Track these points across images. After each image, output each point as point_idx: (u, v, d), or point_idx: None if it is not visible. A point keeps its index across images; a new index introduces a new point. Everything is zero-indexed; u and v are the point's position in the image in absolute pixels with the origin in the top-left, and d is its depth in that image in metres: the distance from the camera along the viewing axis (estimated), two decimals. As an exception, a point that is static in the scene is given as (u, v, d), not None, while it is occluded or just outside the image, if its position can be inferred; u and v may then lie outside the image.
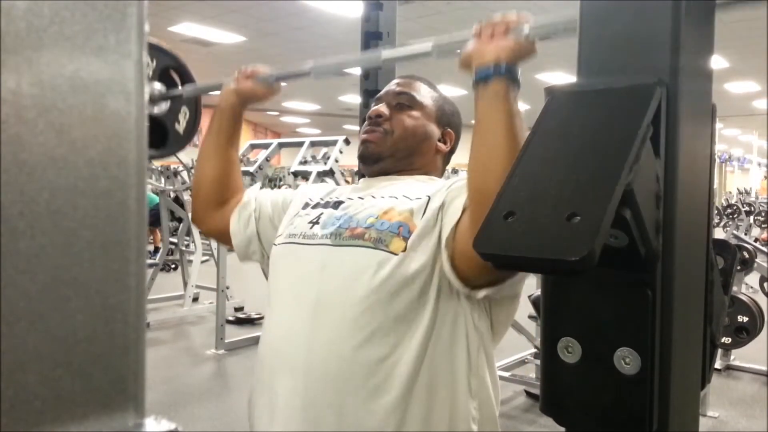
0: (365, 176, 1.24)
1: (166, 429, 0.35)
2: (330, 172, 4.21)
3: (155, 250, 8.44)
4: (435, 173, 1.22)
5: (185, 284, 5.91)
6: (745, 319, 3.23)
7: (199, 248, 5.87)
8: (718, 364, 4.32)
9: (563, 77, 10.30)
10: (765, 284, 5.06)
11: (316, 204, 1.20)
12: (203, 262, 6.13)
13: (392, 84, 1.27)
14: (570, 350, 0.56)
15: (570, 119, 0.55)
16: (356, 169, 1.81)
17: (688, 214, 0.57)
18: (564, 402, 0.58)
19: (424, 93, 1.23)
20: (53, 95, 0.33)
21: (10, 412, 0.31)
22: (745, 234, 9.85)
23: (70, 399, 0.34)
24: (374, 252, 1.00)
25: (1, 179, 0.30)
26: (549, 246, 0.45)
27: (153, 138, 1.45)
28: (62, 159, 0.33)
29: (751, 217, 10.81)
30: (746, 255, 4.04)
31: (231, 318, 5.51)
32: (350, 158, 2.98)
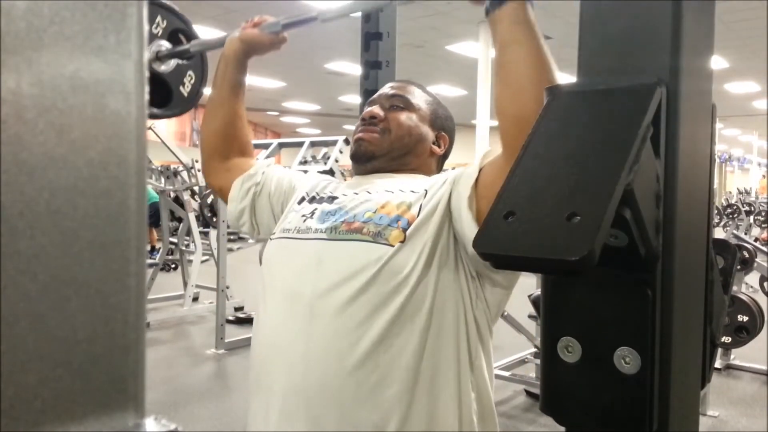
0: (357, 175, 1.23)
1: (166, 429, 0.35)
2: (330, 172, 4.21)
3: (151, 250, 8.43)
4: (428, 175, 1.21)
5: (185, 284, 5.92)
6: (745, 319, 3.23)
7: (199, 248, 5.87)
8: (718, 364, 4.32)
9: (563, 77, 10.29)
10: (765, 284, 5.06)
11: (312, 198, 1.19)
12: (203, 262, 6.13)
13: (386, 87, 1.26)
14: (570, 350, 0.56)
15: (570, 119, 0.55)
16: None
17: (688, 214, 0.57)
18: (564, 402, 0.58)
19: (418, 96, 1.23)
20: (53, 95, 0.33)
21: (10, 412, 0.31)
22: (745, 234, 9.85)
23: (70, 399, 0.34)
24: (374, 246, 1.00)
25: (1, 179, 0.30)
26: (549, 246, 0.45)
27: (157, 97, 1.46)
28: (62, 159, 0.33)
29: (751, 217, 10.81)
30: (746, 255, 4.04)
31: (231, 318, 5.52)
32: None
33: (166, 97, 1.49)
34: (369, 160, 1.18)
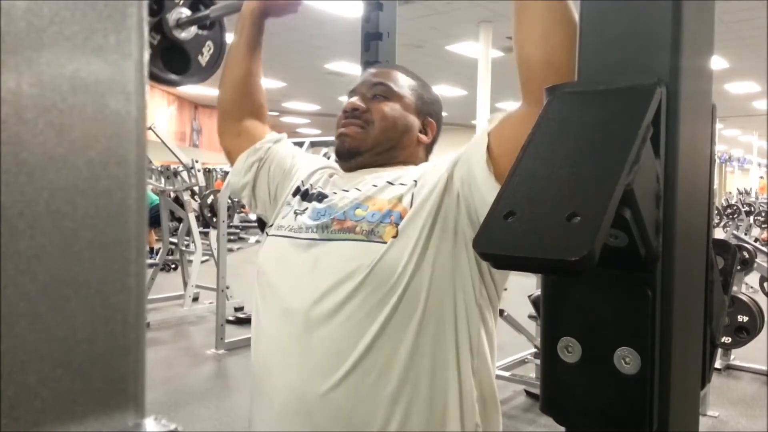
0: (345, 171, 1.20)
1: (166, 429, 0.35)
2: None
3: (150, 251, 8.43)
4: (417, 165, 1.17)
5: (185, 284, 5.92)
6: (745, 319, 3.23)
7: (199, 248, 5.87)
8: (718, 364, 4.32)
9: (563, 77, 10.27)
10: (765, 284, 5.06)
11: (305, 193, 1.17)
12: (203, 262, 6.13)
13: (367, 74, 1.23)
14: (570, 350, 0.56)
15: (570, 119, 0.55)
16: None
17: (688, 214, 0.57)
18: (564, 402, 0.58)
19: (402, 83, 1.19)
20: (53, 95, 0.33)
21: (10, 412, 0.31)
22: (745, 234, 9.86)
23: (70, 399, 0.34)
24: (368, 245, 0.99)
25: (1, 179, 0.30)
26: (549, 246, 0.45)
27: (175, 64, 1.47)
28: (62, 159, 0.33)
29: (751, 217, 10.81)
30: (746, 255, 4.05)
31: (231, 318, 5.52)
32: (350, 158, 2.98)
33: (185, 65, 1.51)
34: (353, 156, 1.15)
